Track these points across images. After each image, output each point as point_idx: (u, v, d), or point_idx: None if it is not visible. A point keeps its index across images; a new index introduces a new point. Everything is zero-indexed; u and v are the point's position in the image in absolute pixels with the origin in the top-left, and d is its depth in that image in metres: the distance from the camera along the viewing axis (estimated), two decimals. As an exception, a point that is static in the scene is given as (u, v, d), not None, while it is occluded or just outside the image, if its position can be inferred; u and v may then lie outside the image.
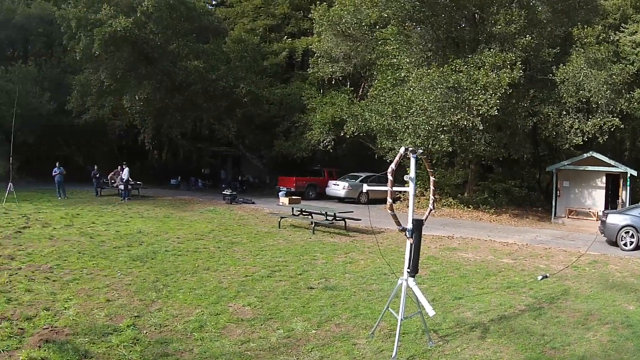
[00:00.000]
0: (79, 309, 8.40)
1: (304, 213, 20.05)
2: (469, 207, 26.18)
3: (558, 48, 23.91)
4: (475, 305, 9.33)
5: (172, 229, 17.59)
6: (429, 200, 8.25)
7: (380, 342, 7.36)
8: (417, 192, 28.01)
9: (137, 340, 7.21)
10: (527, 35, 22.70)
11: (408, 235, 6.93)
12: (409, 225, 6.94)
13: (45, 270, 10.91)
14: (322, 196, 31.46)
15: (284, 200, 21.01)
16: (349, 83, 36.35)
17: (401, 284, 7.09)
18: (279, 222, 19.50)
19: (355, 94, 33.74)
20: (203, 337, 7.40)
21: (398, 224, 6.80)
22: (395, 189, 6.97)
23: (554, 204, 25.39)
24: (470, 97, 21.21)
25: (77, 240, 14.64)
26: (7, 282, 9.80)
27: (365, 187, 9.23)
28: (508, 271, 12.52)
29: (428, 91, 21.99)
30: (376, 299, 9.48)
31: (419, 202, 27.05)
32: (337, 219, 18.81)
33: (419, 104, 22.56)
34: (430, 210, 7.92)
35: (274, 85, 35.88)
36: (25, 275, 10.35)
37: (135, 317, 8.19)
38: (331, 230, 18.66)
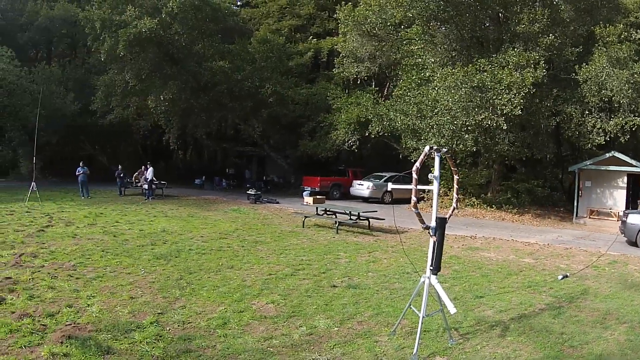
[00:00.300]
0: (102, 306, 8.25)
1: (327, 213, 19.92)
2: (492, 207, 25.86)
3: (581, 47, 23.49)
4: (496, 304, 9.25)
5: (196, 228, 17.47)
6: (452, 199, 8.03)
7: (401, 339, 7.27)
8: (440, 191, 27.97)
9: (160, 336, 7.06)
10: (551, 35, 22.40)
11: (431, 233, 6.86)
12: (433, 224, 6.88)
13: (68, 268, 10.80)
14: (346, 196, 31.27)
15: (309, 199, 20.82)
16: (373, 83, 36.12)
17: (423, 281, 7.04)
18: (303, 221, 19.37)
19: (380, 94, 33.37)
20: (226, 334, 7.26)
21: (422, 222, 6.73)
22: (419, 187, 6.92)
23: (575, 204, 25.11)
24: (494, 97, 21.00)
25: (101, 239, 14.55)
26: (29, 279, 9.69)
27: (390, 186, 9.05)
28: (529, 271, 12.41)
29: (453, 91, 21.77)
30: (398, 298, 9.38)
31: (442, 201, 26.83)
32: (361, 218, 18.66)
33: (443, 103, 22.40)
34: (454, 209, 7.85)
35: (299, 85, 35.78)
36: (48, 273, 10.23)
37: (159, 314, 8.03)
38: (355, 229, 18.52)
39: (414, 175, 6.71)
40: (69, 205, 22.84)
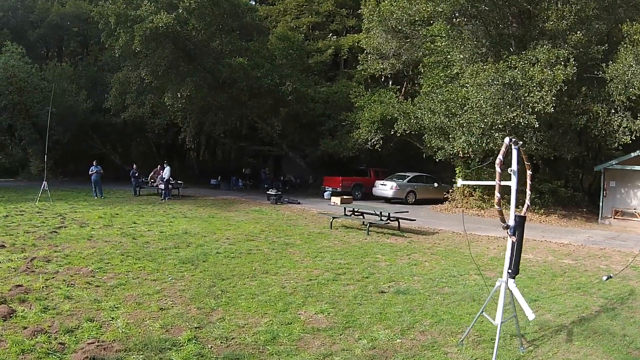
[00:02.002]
0: (129, 319, 7.11)
1: (355, 213, 19.05)
2: (518, 208, 24.44)
3: (606, 45, 22.36)
4: (552, 307, 8.78)
5: (220, 230, 16.34)
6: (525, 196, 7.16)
7: (471, 349, 6.66)
8: (465, 191, 26.99)
9: (202, 356, 6.01)
10: (578, 32, 21.48)
11: (510, 233, 6.41)
12: (511, 222, 6.44)
13: (85, 274, 9.64)
14: (368, 196, 30.22)
15: (336, 200, 19.89)
16: (391, 81, 35.06)
17: (499, 286, 6.55)
18: (331, 222, 18.40)
19: (400, 92, 32.26)
20: (278, 351, 6.27)
21: (503, 220, 6.30)
22: (491, 183, 6.45)
23: (600, 204, 24.26)
24: (525, 94, 20.37)
25: (119, 241, 13.41)
26: (43, 287, 8.56)
27: (460, 182, 7.98)
28: (572, 272, 11.90)
29: (484, 88, 21.07)
30: (453, 303, 8.71)
31: (467, 202, 26.45)
32: (391, 219, 17.78)
33: (474, 101, 21.57)
34: (528, 206, 7.30)
35: (318, 83, 34.62)
36: (64, 280, 9.09)
37: (196, 328, 6.91)
38: (384, 230, 17.64)
39: (497, 170, 6.12)
40: (82, 206, 21.81)
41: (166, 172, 26.47)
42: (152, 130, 38.11)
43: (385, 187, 29.38)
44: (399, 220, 17.93)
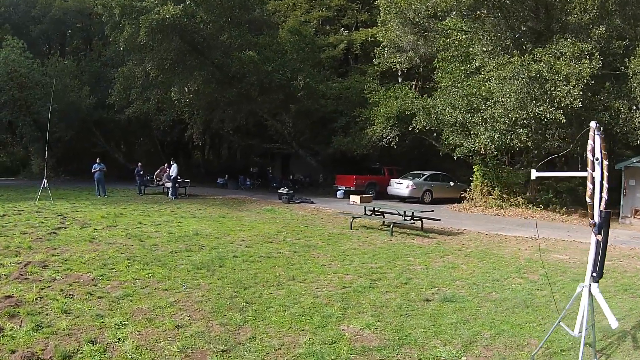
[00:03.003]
0: (139, 341, 5.84)
1: (376, 213, 17.99)
2: (539, 207, 24.25)
3: (627, 40, 21.80)
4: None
5: (233, 231, 15.08)
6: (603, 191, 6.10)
7: None
8: (484, 190, 25.90)
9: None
10: (601, 26, 20.72)
11: (596, 231, 5.71)
12: (597, 219, 5.69)
13: (86, 282, 8.37)
14: (382, 196, 28.96)
15: (355, 199, 18.64)
16: (400, 78, 33.91)
17: (581, 291, 5.91)
18: (351, 222, 17.22)
19: (416, 88, 31.03)
20: None
21: (592, 216, 5.66)
22: (574, 174, 6.37)
23: (621, 203, 23.34)
24: (552, 88, 19.57)
25: (124, 244, 12.14)
26: (36, 298, 7.31)
27: (535, 174, 6.79)
28: (612, 272, 11.15)
29: (509, 81, 20.29)
30: (507, 311, 7.89)
31: (486, 201, 25.32)
32: (415, 218, 16.80)
33: (498, 95, 20.75)
34: (606, 201, 6.16)
35: (330, 79, 33.35)
36: (61, 290, 7.81)
37: (223, 352, 5.68)
38: (407, 231, 16.64)
39: (590, 157, 5.59)
40: (84, 205, 20.55)
41: (173, 170, 25.25)
42: (157, 127, 36.78)
43: (401, 186, 28.15)
44: (422, 220, 16.96)
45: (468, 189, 26.67)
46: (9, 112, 33.99)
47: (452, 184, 29.11)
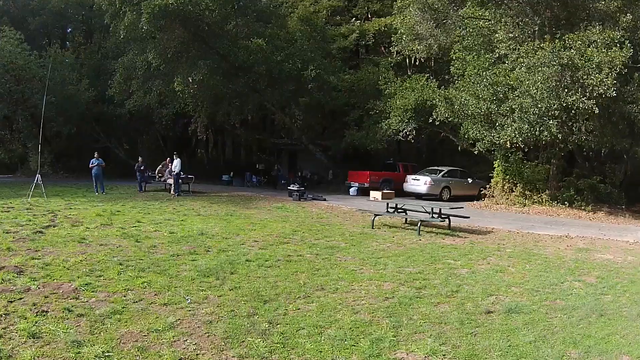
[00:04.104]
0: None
1: (399, 210, 16.44)
2: (563, 205, 22.86)
3: None
4: None
5: (243, 230, 13.41)
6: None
7: None
8: (505, 187, 24.40)
9: None
10: (629, 14, 19.89)
11: None
12: None
13: (66, 293, 6.73)
14: (398, 193, 27.23)
15: (376, 195, 17.13)
16: (410, 70, 32.25)
17: None
18: (373, 220, 15.59)
19: (434, 79, 29.40)
20: None
21: None
22: None
23: None
24: (584, 77, 18.54)
25: (118, 245, 10.50)
26: (1, 315, 5.65)
27: None
28: None
29: (540, 69, 19.04)
30: (582, 322, 6.83)
31: (507, 198, 23.93)
32: (442, 216, 15.38)
33: (528, 83, 19.42)
34: None
35: (341, 70, 31.69)
36: (34, 304, 6.19)
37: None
38: (435, 230, 15.25)
39: None
40: (79, 202, 18.94)
41: (176, 165, 23.59)
42: (159, 121, 35.04)
43: (418, 183, 26.44)
44: (450, 218, 15.55)
45: (487, 186, 25.13)
46: (5, 105, 32.60)
47: (470, 180, 27.54)
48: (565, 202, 22.87)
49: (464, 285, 8.36)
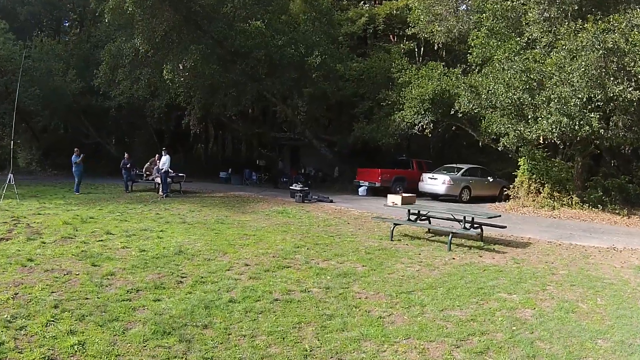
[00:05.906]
0: None
1: (421, 218, 14.13)
2: (596, 208, 20.83)
3: None
4: None
5: (232, 246, 10.86)
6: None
7: None
8: (531, 187, 22.05)
9: None
10: None
11: None
12: None
13: None
14: (412, 193, 24.91)
15: (395, 199, 14.50)
16: (418, 57, 30.59)
17: None
18: (392, 231, 13.12)
19: (449, 67, 27.11)
20: None
21: None
22: None
23: None
24: (631, 63, 16.58)
25: (67, 272, 8.00)
26: None
27: None
28: None
29: (582, 54, 17.02)
30: None
31: (534, 199, 21.78)
32: (475, 225, 13.04)
33: (569, 69, 17.29)
34: None
35: (349, 58, 29.34)
36: None
37: None
38: (463, 241, 13.05)
39: None
40: (54, 205, 16.65)
41: (164, 162, 21.13)
42: (151, 114, 32.60)
43: (436, 182, 24.13)
44: (482, 227, 13.24)
45: (511, 185, 22.84)
46: (-13, 98, 30.69)
47: (490, 179, 25.19)
48: (598, 205, 20.94)
49: (538, 344, 5.95)
